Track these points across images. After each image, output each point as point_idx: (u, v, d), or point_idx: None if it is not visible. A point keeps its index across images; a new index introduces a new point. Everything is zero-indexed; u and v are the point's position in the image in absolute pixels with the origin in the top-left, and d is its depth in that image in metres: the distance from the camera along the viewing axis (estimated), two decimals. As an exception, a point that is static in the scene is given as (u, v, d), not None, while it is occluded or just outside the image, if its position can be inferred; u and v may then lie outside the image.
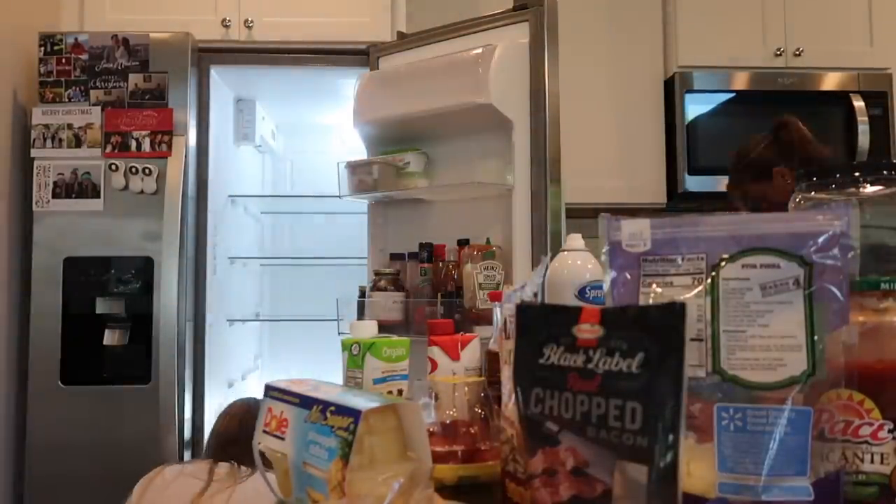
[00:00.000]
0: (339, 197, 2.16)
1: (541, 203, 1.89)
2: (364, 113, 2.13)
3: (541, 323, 0.64)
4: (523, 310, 0.67)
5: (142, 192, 2.25)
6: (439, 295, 1.90)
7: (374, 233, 2.25)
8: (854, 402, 0.65)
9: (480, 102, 1.84)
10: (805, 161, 1.88)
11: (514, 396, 0.65)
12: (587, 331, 0.59)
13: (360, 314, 2.03)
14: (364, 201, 2.23)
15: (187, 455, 2.27)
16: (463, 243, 1.95)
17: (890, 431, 0.64)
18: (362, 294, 2.06)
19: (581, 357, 0.59)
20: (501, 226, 1.95)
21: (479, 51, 1.88)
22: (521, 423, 0.64)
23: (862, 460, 0.64)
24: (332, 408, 0.69)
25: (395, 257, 2.10)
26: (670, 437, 0.53)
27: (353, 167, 2.12)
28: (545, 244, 1.87)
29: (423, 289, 1.97)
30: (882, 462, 0.64)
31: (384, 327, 1.93)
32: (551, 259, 1.12)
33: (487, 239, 1.95)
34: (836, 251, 0.61)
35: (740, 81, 2.92)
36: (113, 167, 2.26)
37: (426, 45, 2.13)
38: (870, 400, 0.64)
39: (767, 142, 2.01)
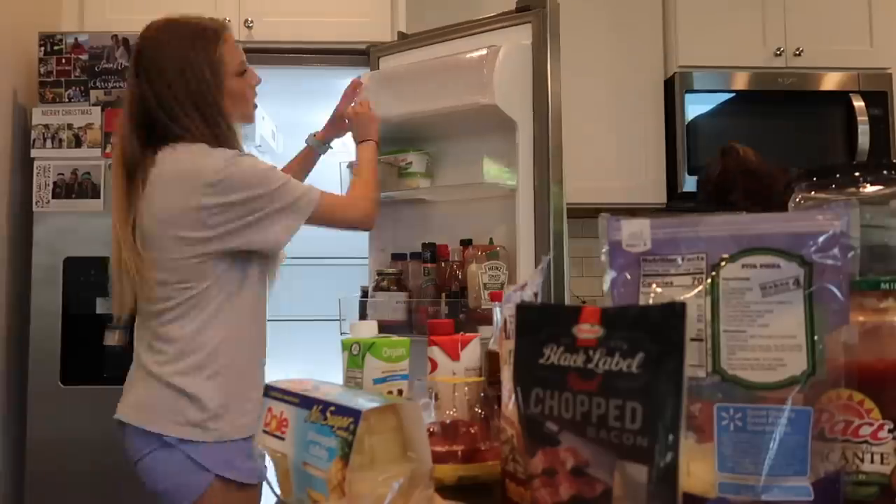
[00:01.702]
0: None
1: (544, 203, 1.90)
2: None
3: (541, 323, 0.64)
4: (523, 310, 0.67)
5: (142, 192, 2.25)
6: (444, 295, 1.90)
7: (375, 232, 2.24)
8: (854, 402, 0.65)
9: (485, 103, 1.85)
10: (748, 190, 1.93)
11: (514, 396, 0.65)
12: (587, 331, 0.59)
13: (363, 314, 2.02)
14: (364, 201, 2.23)
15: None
16: (465, 243, 1.96)
17: (890, 431, 0.64)
18: (364, 294, 2.05)
19: (581, 357, 0.59)
20: (505, 226, 1.96)
21: (484, 52, 1.89)
22: (521, 423, 0.64)
23: (862, 460, 0.64)
24: (332, 408, 0.69)
25: (396, 257, 2.10)
26: (670, 437, 0.53)
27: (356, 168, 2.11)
28: (548, 244, 1.88)
29: (427, 289, 1.97)
30: (882, 462, 0.64)
31: (387, 327, 1.93)
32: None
33: (490, 239, 1.95)
34: (836, 251, 0.61)
35: (740, 81, 2.92)
36: (113, 167, 2.25)
37: (427, 46, 2.13)
38: (870, 400, 0.64)
39: (719, 169, 2.06)
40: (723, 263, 0.64)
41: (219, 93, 1.45)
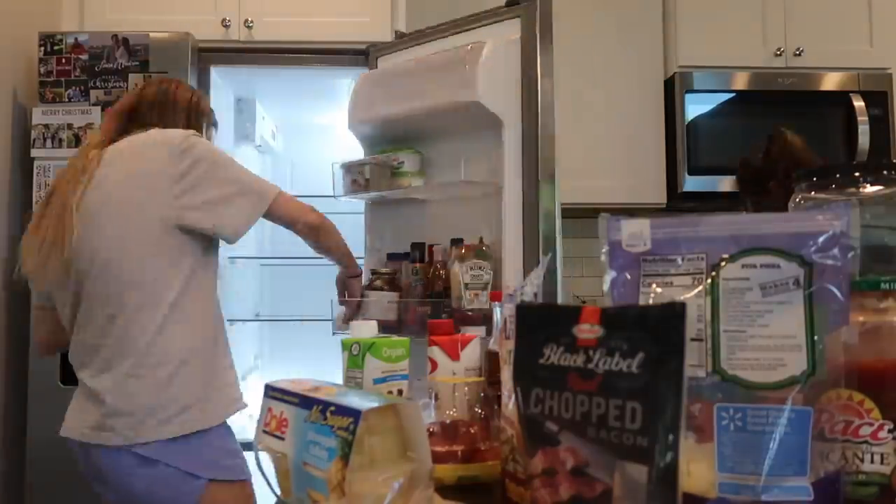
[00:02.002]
0: (335, 197, 2.16)
1: (532, 202, 1.86)
2: (358, 113, 2.12)
3: (541, 323, 0.64)
4: (523, 310, 0.67)
5: (142, 192, 2.24)
6: (428, 295, 1.89)
7: (371, 232, 2.24)
8: (854, 402, 0.65)
9: (467, 100, 1.81)
10: (788, 177, 1.89)
11: (514, 396, 0.65)
12: (587, 331, 0.59)
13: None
14: (362, 201, 2.23)
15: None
16: (456, 242, 1.93)
17: (890, 431, 0.64)
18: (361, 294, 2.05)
19: (581, 357, 0.59)
20: (495, 225, 1.94)
21: (468, 48, 1.86)
22: (521, 423, 0.64)
23: (862, 460, 0.64)
24: (332, 408, 0.69)
25: (392, 257, 2.09)
26: (670, 437, 0.53)
27: (347, 167, 2.11)
28: (537, 244, 1.84)
29: (416, 289, 1.96)
30: (882, 462, 0.64)
31: (381, 327, 1.91)
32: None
33: (481, 238, 1.93)
34: (836, 251, 0.61)
35: (740, 81, 2.92)
36: (113, 167, 2.25)
37: (423, 44, 2.12)
38: (870, 400, 0.64)
39: (762, 154, 2.02)
40: (723, 263, 0.64)
41: None
